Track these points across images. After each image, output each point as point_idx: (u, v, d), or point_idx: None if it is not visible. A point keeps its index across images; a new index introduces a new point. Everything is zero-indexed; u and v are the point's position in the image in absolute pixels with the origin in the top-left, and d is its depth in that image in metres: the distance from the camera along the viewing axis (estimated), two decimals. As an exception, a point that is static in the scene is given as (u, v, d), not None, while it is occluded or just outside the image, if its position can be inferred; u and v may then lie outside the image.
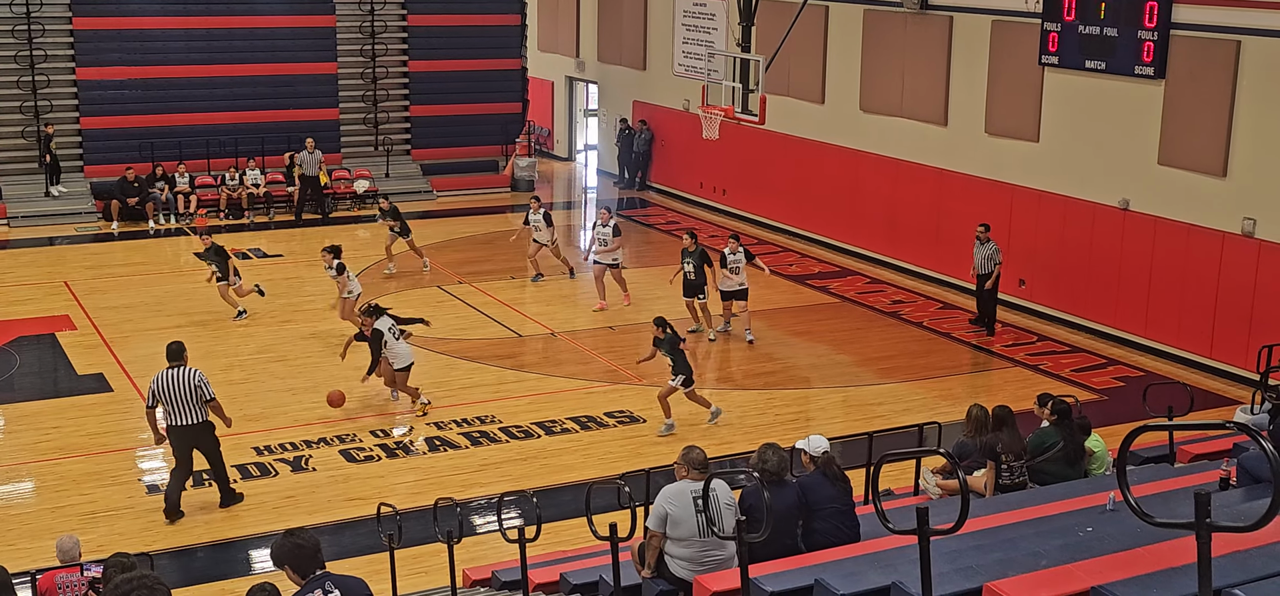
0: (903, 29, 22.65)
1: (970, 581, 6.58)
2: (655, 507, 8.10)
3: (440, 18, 29.70)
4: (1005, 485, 10.64)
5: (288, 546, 5.83)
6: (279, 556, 5.86)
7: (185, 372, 12.74)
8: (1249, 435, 4.35)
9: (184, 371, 12.75)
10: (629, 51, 30.80)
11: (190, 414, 12.74)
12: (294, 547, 5.80)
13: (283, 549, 5.84)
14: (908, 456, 12.44)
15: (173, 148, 26.97)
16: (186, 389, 12.67)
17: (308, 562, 5.78)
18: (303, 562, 5.78)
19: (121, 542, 12.18)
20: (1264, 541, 6.19)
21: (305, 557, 5.78)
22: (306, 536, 5.86)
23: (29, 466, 14.39)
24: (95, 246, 24.55)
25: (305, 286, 21.76)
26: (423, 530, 11.64)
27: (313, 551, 5.81)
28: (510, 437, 15.34)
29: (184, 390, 12.67)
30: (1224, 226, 17.56)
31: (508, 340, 19.20)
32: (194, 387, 12.67)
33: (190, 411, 12.73)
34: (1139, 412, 12.51)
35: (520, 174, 30.25)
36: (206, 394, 12.75)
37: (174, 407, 12.72)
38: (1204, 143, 17.70)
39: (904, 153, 22.88)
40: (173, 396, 12.69)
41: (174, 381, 12.70)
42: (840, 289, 22.29)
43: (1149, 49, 18.14)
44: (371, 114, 29.38)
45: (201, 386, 12.71)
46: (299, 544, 5.81)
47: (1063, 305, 20.07)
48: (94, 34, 26.75)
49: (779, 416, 16.30)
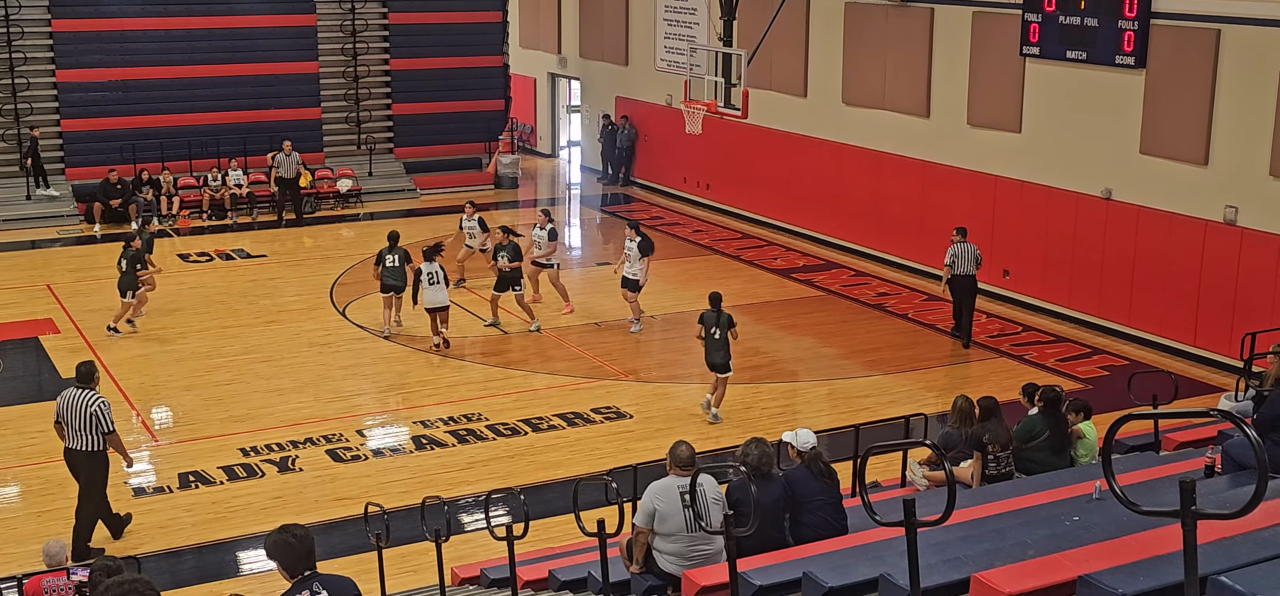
0: (884, 21, 22.69)
1: (958, 572, 6.59)
2: (643, 503, 8.10)
3: (421, 16, 29.66)
4: (991, 475, 10.68)
5: (280, 542, 5.67)
6: (271, 551, 5.72)
7: (85, 397, 12.02)
8: (1233, 422, 4.37)
9: (86, 395, 12.03)
10: (611, 47, 30.79)
11: (81, 440, 12.02)
12: (284, 544, 5.64)
13: (275, 544, 5.69)
14: (894, 448, 12.46)
15: (154, 149, 26.88)
16: (83, 414, 11.97)
17: (298, 560, 5.64)
18: (292, 560, 5.64)
19: (107, 546, 12.17)
20: (1249, 528, 6.23)
21: (296, 555, 5.63)
22: (299, 533, 5.69)
23: (14, 471, 14.32)
24: (77, 249, 24.45)
25: (289, 287, 21.71)
26: (411, 529, 11.64)
27: (304, 550, 5.65)
28: (497, 435, 15.33)
29: (80, 414, 11.97)
30: (1206, 214, 17.64)
31: (494, 338, 19.18)
32: (89, 414, 11.96)
33: (81, 437, 12.01)
34: (1124, 401, 12.56)
35: (503, 171, 30.23)
36: (104, 424, 12.00)
37: (70, 430, 12.05)
38: (1185, 131, 17.77)
39: (887, 145, 22.92)
40: (68, 418, 12.03)
41: (70, 403, 12.02)
42: (825, 282, 22.33)
43: (1129, 38, 18.21)
44: (354, 113, 29.31)
45: (98, 414, 11.96)
46: (289, 540, 5.65)
47: (1046, 295, 20.15)
48: (73, 36, 26.64)
49: (766, 410, 16.32)
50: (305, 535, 5.71)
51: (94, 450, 12.05)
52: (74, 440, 12.02)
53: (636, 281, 19.13)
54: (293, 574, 5.65)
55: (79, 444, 12.02)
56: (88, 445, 12.01)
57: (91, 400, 11.97)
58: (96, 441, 12.02)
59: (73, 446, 12.06)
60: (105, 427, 12.00)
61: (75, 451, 12.08)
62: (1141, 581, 5.90)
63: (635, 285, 19.18)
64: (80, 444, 12.01)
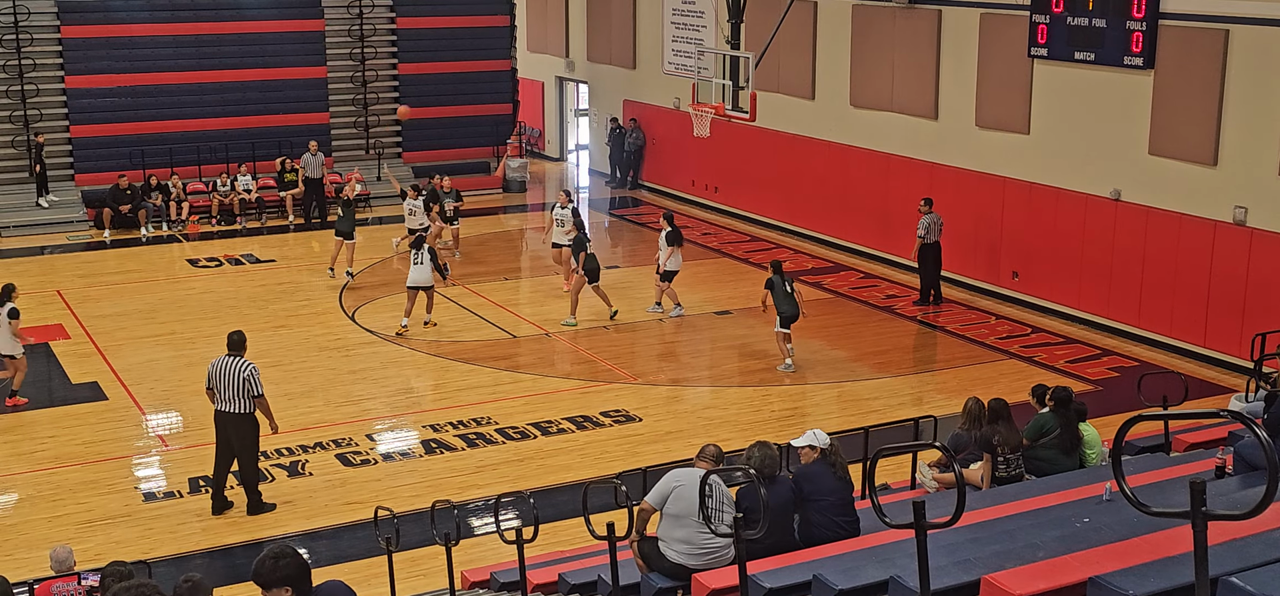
0: (892, 23, 22.67)
1: (968, 574, 6.59)
2: (662, 482, 8.11)
3: (429, 20, 29.72)
4: (1001, 477, 10.67)
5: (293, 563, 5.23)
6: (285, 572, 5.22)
7: (237, 363, 13.03)
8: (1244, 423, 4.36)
9: (236, 362, 13.04)
10: (618, 51, 30.80)
11: (233, 404, 13.03)
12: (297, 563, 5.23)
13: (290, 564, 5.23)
14: (903, 450, 12.46)
15: (163, 154, 26.95)
16: (236, 380, 12.96)
17: (305, 580, 5.24)
18: (306, 585, 5.23)
19: (118, 550, 12.19)
20: (1260, 528, 6.22)
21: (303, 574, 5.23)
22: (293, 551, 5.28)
23: (25, 476, 14.37)
24: (87, 255, 24.51)
25: (299, 292, 21.75)
26: (420, 533, 11.65)
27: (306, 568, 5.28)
28: (506, 439, 15.34)
29: (232, 381, 12.97)
30: (1215, 215, 17.60)
31: (502, 341, 19.20)
32: (242, 380, 12.95)
33: (233, 402, 13.02)
34: (1134, 402, 12.55)
35: (512, 175, 30.24)
36: (255, 388, 13.00)
37: (220, 395, 13.08)
38: (1194, 132, 17.74)
39: (895, 147, 22.90)
40: (220, 384, 13.05)
41: (224, 370, 13.03)
42: (833, 284, 22.31)
43: (1138, 39, 18.18)
44: (362, 117, 29.36)
45: (250, 380, 12.97)
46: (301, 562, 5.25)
47: (1056, 297, 20.11)
48: (82, 42, 26.72)
49: (774, 412, 16.31)
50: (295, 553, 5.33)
51: (244, 412, 13.05)
52: (226, 404, 13.02)
53: (671, 271, 19.98)
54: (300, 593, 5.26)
55: (230, 407, 13.01)
56: (239, 407, 13.00)
57: (243, 367, 12.99)
58: (247, 405, 13.02)
59: (224, 409, 13.05)
60: (255, 391, 13.00)
61: (226, 413, 13.05)
62: (1152, 583, 5.89)
63: (669, 275, 19.98)
64: (232, 407, 13.01)
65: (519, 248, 22.44)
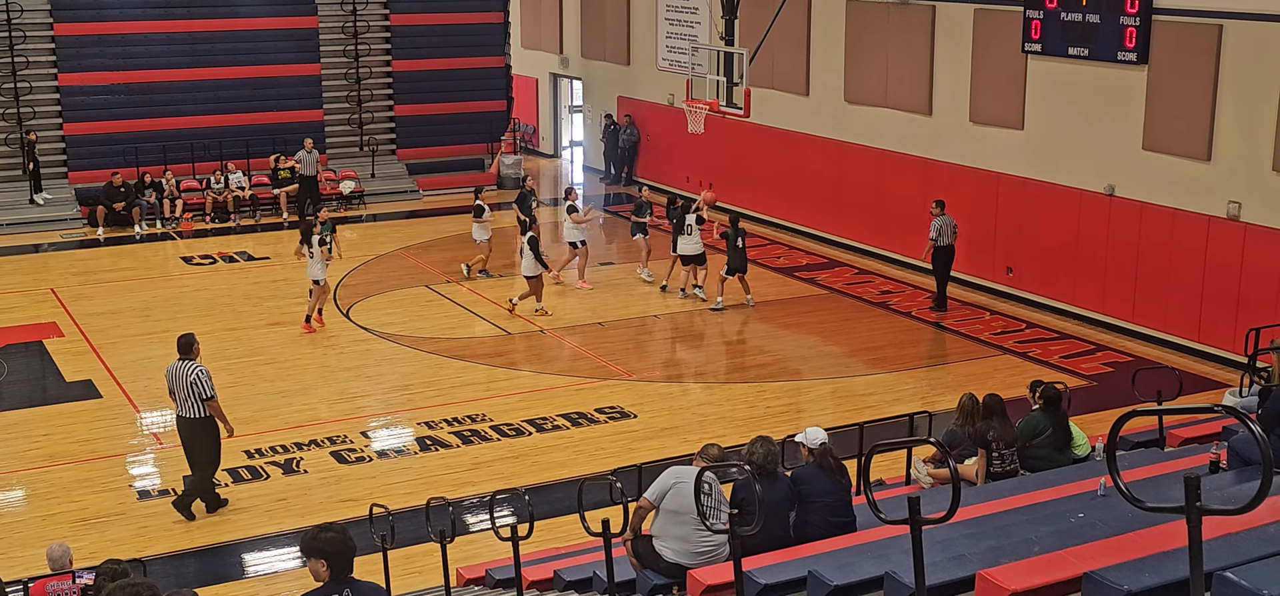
0: (886, 19, 22.68)
1: (963, 569, 6.60)
2: (660, 479, 8.13)
3: (423, 17, 29.68)
4: (996, 473, 10.68)
5: (336, 540, 5.41)
6: (324, 547, 5.41)
7: (186, 367, 12.90)
8: (1238, 418, 4.36)
9: (186, 365, 12.92)
10: (612, 47, 30.79)
11: (187, 408, 12.94)
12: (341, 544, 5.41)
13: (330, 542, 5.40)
14: (899, 446, 12.46)
15: (157, 152, 26.91)
16: (185, 384, 12.83)
17: (346, 565, 5.40)
18: (341, 564, 5.38)
19: (113, 549, 12.16)
20: (1254, 523, 6.23)
21: (346, 559, 5.40)
22: (348, 536, 5.45)
23: (19, 474, 14.34)
24: (81, 253, 24.47)
25: (293, 289, 21.70)
26: (416, 530, 11.64)
27: (352, 554, 5.43)
28: (501, 436, 15.33)
29: (183, 384, 12.86)
30: (1209, 210, 17.62)
31: (497, 338, 19.19)
32: (190, 383, 12.79)
33: (186, 405, 12.93)
34: (1128, 397, 12.57)
35: (506, 172, 30.22)
36: (204, 391, 12.82)
37: (177, 399, 13.00)
38: (1188, 127, 17.76)
39: (889, 143, 22.91)
40: (175, 388, 12.94)
41: (175, 374, 12.93)
42: (828, 280, 22.32)
43: (1131, 34, 18.19)
44: (356, 114, 29.33)
45: (199, 382, 12.79)
46: (347, 542, 5.41)
47: (1050, 292, 20.13)
48: (75, 39, 26.66)
49: (770, 408, 16.32)
50: (351, 540, 5.51)
51: (199, 417, 12.91)
52: (183, 408, 12.94)
53: (702, 255, 20.69)
54: (336, 575, 5.42)
55: (186, 412, 12.92)
56: (193, 412, 12.88)
57: (191, 370, 12.80)
58: (200, 408, 12.87)
59: (182, 414, 12.99)
60: (205, 394, 12.80)
61: (184, 418, 12.99)
62: (1147, 577, 5.90)
63: (701, 258, 20.69)
64: (187, 412, 12.91)
65: (517, 245, 22.39)
